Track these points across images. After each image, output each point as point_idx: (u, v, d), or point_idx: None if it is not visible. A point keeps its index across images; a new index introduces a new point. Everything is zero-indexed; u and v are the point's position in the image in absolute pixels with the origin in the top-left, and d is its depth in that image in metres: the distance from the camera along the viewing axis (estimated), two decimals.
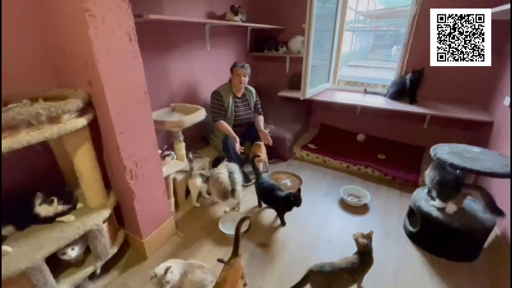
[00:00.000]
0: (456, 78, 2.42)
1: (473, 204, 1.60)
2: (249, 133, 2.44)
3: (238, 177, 1.84)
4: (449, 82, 2.47)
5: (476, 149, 1.58)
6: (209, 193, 2.02)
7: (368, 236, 1.27)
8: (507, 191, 1.52)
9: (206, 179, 1.93)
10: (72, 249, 1.20)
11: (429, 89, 2.54)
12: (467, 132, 2.53)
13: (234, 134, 2.16)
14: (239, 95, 2.32)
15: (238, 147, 2.13)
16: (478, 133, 2.38)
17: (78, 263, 1.29)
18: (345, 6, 2.78)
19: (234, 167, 1.89)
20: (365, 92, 2.92)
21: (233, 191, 1.77)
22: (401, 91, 2.58)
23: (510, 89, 1.77)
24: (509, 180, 1.43)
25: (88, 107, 1.22)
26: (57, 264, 1.19)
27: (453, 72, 2.36)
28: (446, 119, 2.33)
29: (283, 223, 1.81)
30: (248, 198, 2.09)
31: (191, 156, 1.94)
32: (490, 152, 1.56)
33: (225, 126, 2.18)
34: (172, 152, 1.83)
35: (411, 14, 2.43)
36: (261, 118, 2.44)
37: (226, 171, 1.83)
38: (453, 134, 2.54)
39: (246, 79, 2.24)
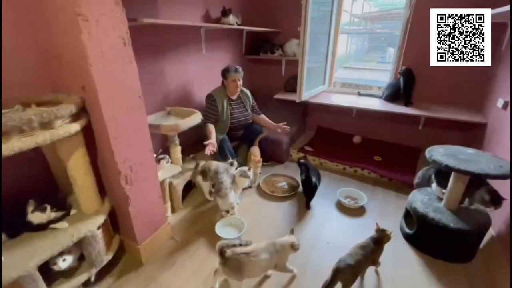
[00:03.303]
0: (450, 80, 2.45)
1: (468, 206, 1.61)
2: (245, 136, 2.43)
3: (226, 179, 1.83)
4: (444, 84, 2.50)
5: (470, 150, 1.60)
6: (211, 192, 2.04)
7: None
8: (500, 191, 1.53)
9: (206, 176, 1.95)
10: (64, 260, 1.17)
11: (424, 91, 2.56)
12: (462, 133, 2.56)
13: (213, 140, 2.03)
14: (234, 97, 2.32)
15: (210, 149, 1.96)
16: (472, 135, 2.41)
17: (72, 271, 1.27)
18: (340, 8, 2.80)
19: (221, 167, 1.89)
20: (359, 94, 2.94)
21: (217, 190, 1.81)
22: (396, 93, 2.61)
23: (510, 90, 1.79)
24: (502, 181, 1.44)
25: (81, 112, 1.20)
26: (50, 271, 1.17)
27: (447, 74, 2.39)
28: (441, 121, 2.36)
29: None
30: (244, 201, 2.09)
31: (192, 155, 2.05)
32: (483, 153, 1.57)
33: (209, 130, 2.13)
34: (167, 156, 1.82)
35: (405, 17, 2.46)
36: (263, 117, 2.46)
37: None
38: (448, 136, 2.57)
39: (241, 82, 2.25)
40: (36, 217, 1.14)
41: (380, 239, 1.36)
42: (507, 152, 1.64)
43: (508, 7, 1.50)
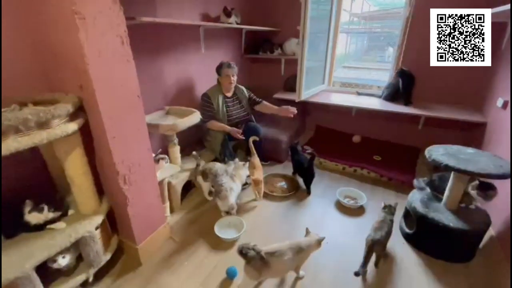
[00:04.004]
0: (450, 79, 2.44)
1: (468, 205, 1.61)
2: (245, 135, 2.42)
3: (225, 181, 1.83)
4: (443, 83, 2.49)
5: (470, 150, 1.59)
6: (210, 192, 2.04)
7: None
8: (500, 192, 1.52)
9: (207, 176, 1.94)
10: (63, 257, 1.17)
11: (424, 90, 2.56)
12: (461, 133, 2.55)
13: (228, 127, 2.17)
14: (229, 94, 2.31)
15: (237, 131, 2.16)
16: (472, 134, 2.40)
17: (69, 271, 1.26)
18: (339, 8, 2.79)
19: (220, 169, 1.89)
20: (358, 94, 2.94)
21: (217, 192, 1.81)
22: (396, 93, 2.60)
23: (510, 90, 1.79)
24: (502, 181, 1.43)
25: (79, 111, 1.19)
26: (47, 272, 1.16)
27: (447, 74, 2.39)
28: (440, 120, 2.35)
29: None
30: (244, 201, 2.08)
31: (194, 153, 2.04)
32: (484, 153, 1.56)
33: (217, 124, 2.18)
34: (166, 156, 1.81)
35: (405, 16, 2.45)
36: (265, 103, 2.47)
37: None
38: (448, 135, 2.56)
39: (235, 78, 2.25)
40: (33, 218, 1.13)
41: (390, 212, 1.54)
42: (507, 152, 1.64)
43: (508, 6, 1.49)
